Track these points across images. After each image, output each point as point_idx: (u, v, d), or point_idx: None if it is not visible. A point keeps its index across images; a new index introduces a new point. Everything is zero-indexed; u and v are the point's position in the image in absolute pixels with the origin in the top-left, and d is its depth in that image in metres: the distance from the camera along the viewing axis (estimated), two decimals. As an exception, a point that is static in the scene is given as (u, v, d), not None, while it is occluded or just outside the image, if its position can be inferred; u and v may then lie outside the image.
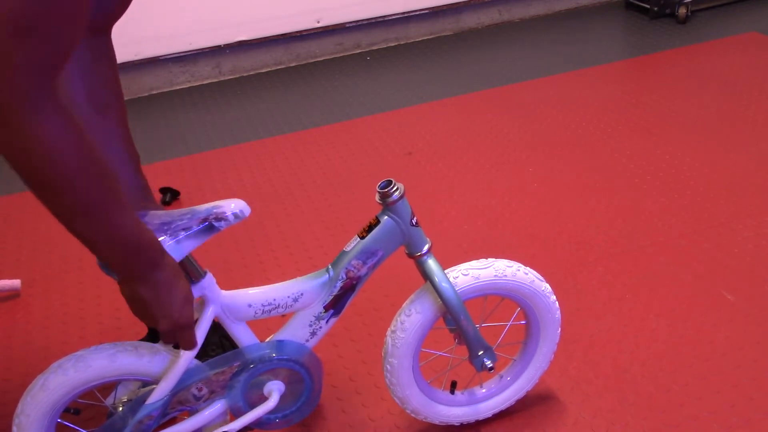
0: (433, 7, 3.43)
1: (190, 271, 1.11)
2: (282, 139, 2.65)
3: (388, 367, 1.26)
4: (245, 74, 3.29)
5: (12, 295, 1.92)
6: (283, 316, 1.20)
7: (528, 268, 1.27)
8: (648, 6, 3.46)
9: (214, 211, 1.06)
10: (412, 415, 1.34)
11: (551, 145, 2.41)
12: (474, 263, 1.25)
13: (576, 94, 2.76)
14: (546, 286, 1.29)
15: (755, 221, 1.93)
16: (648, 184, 2.14)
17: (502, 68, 3.07)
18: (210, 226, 1.06)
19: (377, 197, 1.16)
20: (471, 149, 2.43)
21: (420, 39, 3.50)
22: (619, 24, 3.48)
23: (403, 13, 3.41)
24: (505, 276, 1.24)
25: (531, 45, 3.31)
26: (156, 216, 1.09)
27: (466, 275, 1.23)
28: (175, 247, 1.05)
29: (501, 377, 1.40)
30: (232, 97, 3.08)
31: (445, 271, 1.22)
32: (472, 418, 1.38)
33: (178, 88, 3.21)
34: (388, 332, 1.26)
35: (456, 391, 1.38)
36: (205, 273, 1.12)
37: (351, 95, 2.96)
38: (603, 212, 2.03)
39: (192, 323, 1.05)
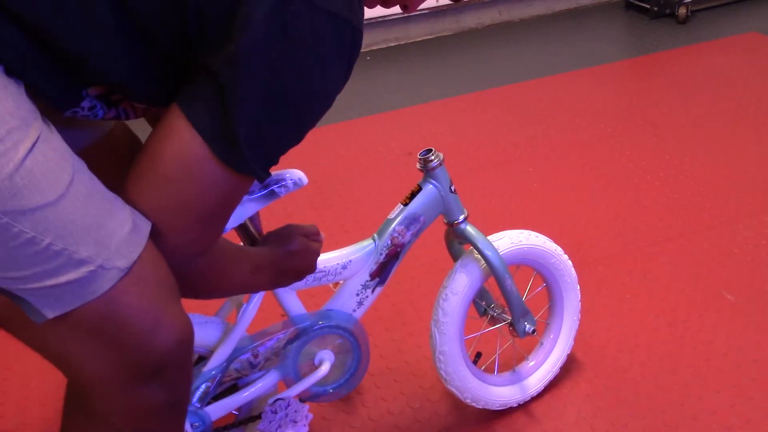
0: (433, 7, 3.43)
1: (248, 236, 1.11)
2: (282, 139, 2.64)
3: (436, 328, 1.28)
4: (245, 74, 3.29)
5: (12, 295, 1.91)
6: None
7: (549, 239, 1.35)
8: (648, 6, 3.46)
9: (275, 177, 1.08)
10: (455, 391, 1.34)
11: (551, 145, 2.41)
12: (515, 231, 1.32)
13: (576, 94, 2.76)
14: (566, 257, 1.38)
15: (755, 221, 1.93)
16: (648, 184, 2.14)
17: (502, 68, 3.08)
18: (271, 191, 1.08)
19: (419, 165, 1.22)
20: (471, 149, 2.43)
21: (420, 39, 3.50)
22: (619, 24, 3.48)
23: (404, 13, 3.40)
24: (541, 245, 1.32)
25: (531, 45, 3.31)
26: None
27: (502, 237, 1.30)
28: (236, 209, 1.06)
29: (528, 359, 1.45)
30: (232, 97, 3.07)
31: (489, 236, 1.28)
32: (518, 399, 1.42)
33: (178, 88, 3.21)
34: (437, 300, 1.29)
35: (499, 372, 1.42)
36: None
37: (351, 95, 2.96)
38: (603, 212, 2.03)
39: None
